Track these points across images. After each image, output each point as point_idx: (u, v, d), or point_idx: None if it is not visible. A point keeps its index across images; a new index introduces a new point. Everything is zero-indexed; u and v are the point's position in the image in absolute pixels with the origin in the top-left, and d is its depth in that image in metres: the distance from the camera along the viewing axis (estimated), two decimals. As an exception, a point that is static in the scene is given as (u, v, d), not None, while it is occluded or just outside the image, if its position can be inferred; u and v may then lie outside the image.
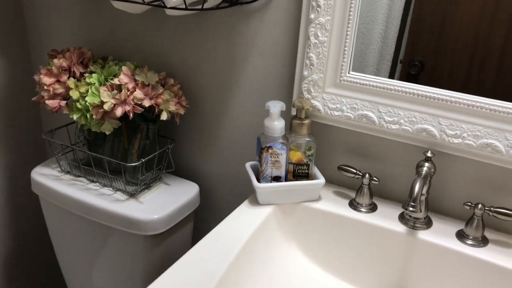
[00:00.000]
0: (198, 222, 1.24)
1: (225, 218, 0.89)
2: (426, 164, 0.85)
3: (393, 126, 0.88)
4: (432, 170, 0.85)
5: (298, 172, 0.95)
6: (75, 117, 1.07)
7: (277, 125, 0.90)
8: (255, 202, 0.95)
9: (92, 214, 1.09)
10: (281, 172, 0.93)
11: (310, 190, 0.95)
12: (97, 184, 1.13)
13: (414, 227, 0.89)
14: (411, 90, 0.85)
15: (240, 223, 0.88)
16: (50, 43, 1.28)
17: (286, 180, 0.94)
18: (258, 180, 0.93)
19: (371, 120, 0.89)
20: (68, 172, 1.17)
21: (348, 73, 0.90)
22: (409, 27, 0.86)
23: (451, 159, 0.87)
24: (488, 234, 0.87)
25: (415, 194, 0.77)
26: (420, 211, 0.79)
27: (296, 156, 0.94)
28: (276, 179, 0.93)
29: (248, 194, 1.14)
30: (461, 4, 0.81)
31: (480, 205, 0.83)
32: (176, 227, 1.11)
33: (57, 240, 1.24)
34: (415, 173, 0.87)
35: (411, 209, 0.77)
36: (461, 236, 0.86)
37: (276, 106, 0.89)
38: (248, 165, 0.98)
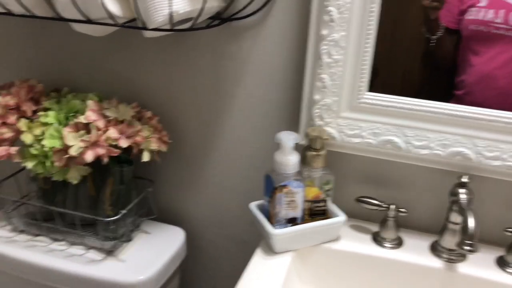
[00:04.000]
0: (185, 275, 1.07)
1: (241, 278, 0.75)
2: (463, 191, 0.76)
3: (423, 151, 0.78)
4: (471, 196, 0.77)
5: (315, 210, 0.82)
6: (30, 165, 0.87)
7: (291, 160, 0.77)
8: (268, 251, 0.81)
9: (61, 281, 0.89)
10: (297, 213, 0.80)
11: (330, 230, 0.83)
12: (63, 242, 0.93)
13: (449, 260, 0.80)
14: (441, 110, 0.76)
15: (262, 283, 0.74)
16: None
17: (302, 220, 0.81)
18: (270, 224, 0.80)
19: (396, 145, 0.79)
20: (22, 231, 0.96)
21: (366, 94, 0.79)
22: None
23: (489, 183, 0.79)
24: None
25: (471, 231, 0.68)
26: (478, 250, 0.70)
27: (312, 192, 0.81)
28: (292, 221, 0.80)
29: (241, 236, 1.00)
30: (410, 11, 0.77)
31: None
32: (164, 285, 0.94)
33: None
34: (448, 201, 0.78)
35: (468, 248, 0.68)
36: (502, 264, 0.79)
37: (290, 139, 0.76)
38: (253, 206, 0.84)
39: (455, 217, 0.77)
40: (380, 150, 0.81)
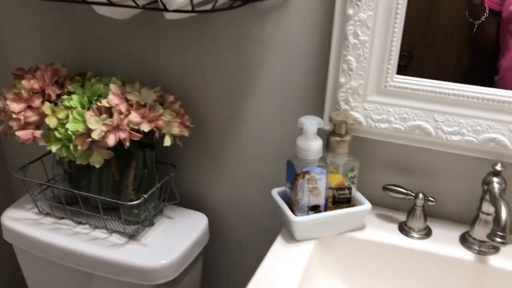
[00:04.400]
0: (207, 258, 1.07)
1: (260, 265, 0.73)
2: (496, 180, 0.72)
3: (454, 137, 0.74)
4: (504, 185, 0.72)
5: (339, 198, 0.80)
6: (54, 149, 0.87)
7: (314, 145, 0.74)
8: (290, 238, 0.79)
9: (84, 264, 0.89)
10: (320, 200, 0.78)
11: (355, 218, 0.80)
12: (87, 226, 0.94)
13: (480, 252, 0.76)
14: (474, 94, 0.72)
15: (282, 270, 0.72)
16: (12, 60, 1.07)
17: (325, 209, 0.79)
18: (292, 212, 0.78)
19: (426, 131, 0.75)
20: (48, 214, 0.97)
21: (394, 77, 0.75)
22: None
23: (525, 172, 0.74)
24: None
25: (503, 222, 0.64)
26: (510, 241, 0.66)
27: (336, 179, 0.79)
28: (314, 208, 0.78)
29: (264, 223, 0.99)
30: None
31: None
32: (187, 269, 0.93)
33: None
34: (481, 190, 0.74)
35: (499, 240, 0.64)
36: (538, 259, 0.74)
37: (313, 124, 0.73)
38: (275, 193, 0.82)
39: (487, 207, 0.73)
40: (408, 136, 0.77)
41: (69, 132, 0.85)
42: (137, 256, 0.87)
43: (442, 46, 0.76)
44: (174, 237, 0.92)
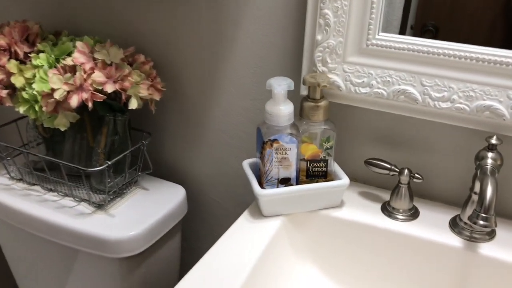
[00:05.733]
0: (187, 232, 1.01)
1: (219, 239, 0.66)
2: (490, 155, 0.62)
3: (443, 104, 0.64)
4: (499, 162, 0.62)
5: (313, 171, 0.71)
6: (21, 110, 0.83)
7: (283, 110, 0.66)
8: (258, 213, 0.71)
9: (51, 233, 0.85)
10: (291, 173, 0.70)
11: (330, 194, 0.72)
12: (56, 193, 0.89)
13: (471, 239, 0.66)
14: (467, 54, 0.61)
15: (240, 246, 0.65)
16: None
17: (297, 182, 0.71)
18: (261, 185, 0.70)
19: (411, 97, 0.65)
20: (20, 180, 0.93)
21: (378, 35, 0.66)
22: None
23: (524, 146, 0.64)
24: None
25: (487, 202, 0.55)
26: (495, 225, 0.56)
27: (310, 150, 0.70)
28: (284, 181, 0.70)
29: (247, 198, 0.91)
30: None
31: None
32: (160, 243, 0.88)
33: (16, 265, 1.01)
34: (474, 167, 0.64)
35: (482, 223, 0.55)
36: (538, 248, 0.64)
37: (281, 85, 0.65)
38: (246, 164, 0.75)
39: (479, 186, 0.63)
40: (392, 102, 0.67)
41: (34, 92, 0.80)
42: (102, 227, 0.82)
43: (472, 18, 0.66)
44: (146, 208, 0.87)
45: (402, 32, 0.68)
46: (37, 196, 0.89)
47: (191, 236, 1.01)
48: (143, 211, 0.86)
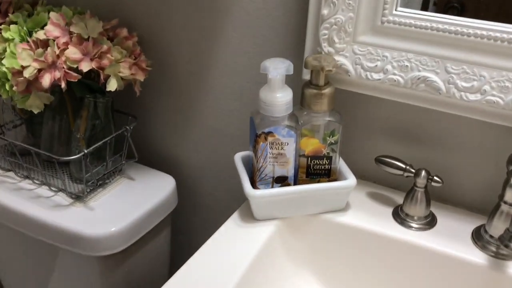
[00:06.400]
0: (177, 227, 0.92)
1: (201, 247, 0.57)
2: (527, 159, 0.52)
3: (471, 96, 0.53)
4: (537, 168, 0.52)
5: (314, 169, 0.62)
6: (-9, 88, 0.74)
7: (280, 98, 0.56)
8: (250, 215, 0.62)
9: (23, 226, 0.77)
10: (288, 171, 0.60)
11: (334, 196, 0.62)
12: (32, 181, 0.81)
13: (498, 255, 0.56)
14: (505, 36, 0.50)
15: (225, 256, 0.55)
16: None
17: (295, 182, 0.61)
18: (254, 183, 0.60)
19: (433, 86, 0.55)
20: (-5, 165, 0.85)
21: (396, 10, 0.55)
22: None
23: None
24: None
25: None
26: (533, 249, 0.46)
27: (311, 145, 0.60)
28: (281, 180, 0.60)
29: (239, 190, 0.82)
30: None
31: None
32: (146, 239, 0.79)
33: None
34: (506, 172, 0.53)
35: (516, 245, 0.44)
36: None
37: (277, 68, 0.55)
38: (238, 157, 0.65)
39: (511, 196, 0.53)
40: (410, 92, 0.57)
41: (4, 69, 0.71)
42: (79, 222, 0.73)
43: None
44: (129, 200, 0.78)
45: (424, 8, 0.58)
46: (11, 183, 0.81)
47: (182, 231, 0.93)
48: (127, 204, 0.77)
